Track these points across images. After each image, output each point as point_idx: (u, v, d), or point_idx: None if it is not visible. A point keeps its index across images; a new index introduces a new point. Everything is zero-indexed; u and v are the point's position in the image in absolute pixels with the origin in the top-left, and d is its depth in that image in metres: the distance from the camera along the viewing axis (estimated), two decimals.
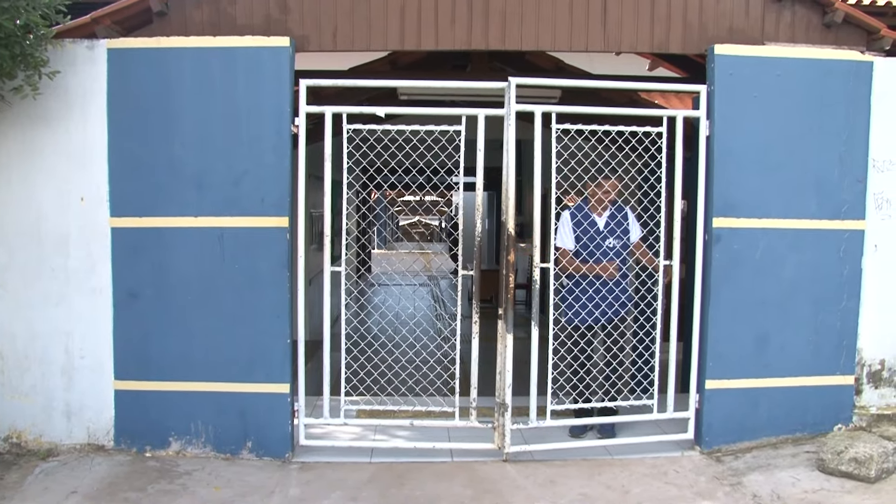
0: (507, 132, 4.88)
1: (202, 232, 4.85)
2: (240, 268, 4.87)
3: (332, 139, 4.89)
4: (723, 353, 5.06)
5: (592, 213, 5.42)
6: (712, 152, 5.00)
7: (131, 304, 4.91)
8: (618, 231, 5.31)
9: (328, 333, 4.98)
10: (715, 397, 5.07)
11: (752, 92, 4.98)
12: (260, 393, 4.91)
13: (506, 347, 4.94)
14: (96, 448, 4.99)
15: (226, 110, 4.83)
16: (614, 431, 5.37)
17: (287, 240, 4.85)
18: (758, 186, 5.02)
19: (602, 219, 5.39)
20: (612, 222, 5.34)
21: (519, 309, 13.63)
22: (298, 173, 4.87)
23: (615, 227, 5.32)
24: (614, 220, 5.34)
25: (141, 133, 4.85)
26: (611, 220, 5.36)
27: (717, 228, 4.99)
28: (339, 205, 5.01)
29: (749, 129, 5.01)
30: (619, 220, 5.31)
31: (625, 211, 5.37)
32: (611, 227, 5.34)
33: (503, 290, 4.95)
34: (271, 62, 4.79)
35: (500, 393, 4.99)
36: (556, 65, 7.00)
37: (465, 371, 5.13)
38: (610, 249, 5.31)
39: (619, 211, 5.34)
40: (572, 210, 5.48)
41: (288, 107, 4.82)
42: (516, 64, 7.04)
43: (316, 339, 5.43)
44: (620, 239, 5.31)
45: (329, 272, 4.97)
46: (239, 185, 4.84)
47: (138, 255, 4.89)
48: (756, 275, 5.05)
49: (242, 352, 4.90)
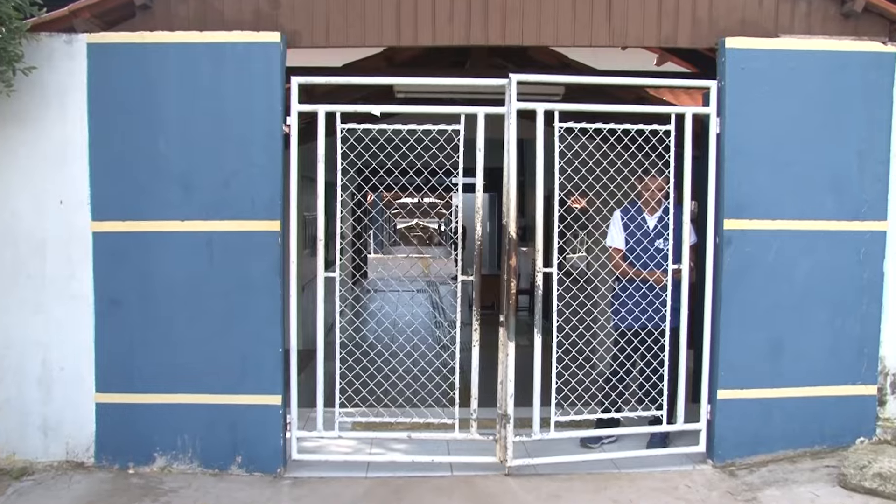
0: (507, 131, 4.87)
1: (189, 236, 4.83)
2: (229, 274, 4.85)
3: (326, 139, 4.87)
4: (735, 361, 5.03)
5: (642, 213, 5.46)
6: (723, 151, 4.97)
7: (114, 312, 4.87)
8: (665, 233, 5.31)
9: (322, 342, 4.96)
10: (727, 408, 5.04)
11: (765, 87, 4.96)
12: (250, 405, 4.87)
13: (507, 356, 4.91)
14: (75, 465, 4.94)
15: (214, 109, 4.81)
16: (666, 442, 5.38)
17: (279, 244, 4.83)
18: (771, 186, 4.99)
19: (652, 220, 5.42)
20: (660, 224, 5.36)
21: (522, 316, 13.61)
22: (290, 175, 4.85)
23: (662, 230, 5.34)
24: (662, 223, 5.35)
25: (123, 132, 4.82)
26: (659, 222, 5.38)
27: (728, 230, 4.97)
28: (333, 207, 4.99)
29: (762, 126, 4.98)
30: (668, 223, 5.26)
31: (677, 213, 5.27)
32: (658, 229, 5.37)
33: (505, 296, 4.93)
34: (261, 58, 4.77)
35: (501, 403, 4.96)
36: (559, 60, 6.98)
37: (466, 381, 5.12)
38: (658, 252, 5.33)
39: (667, 212, 5.28)
40: (621, 211, 5.54)
41: (279, 105, 4.81)
42: (518, 60, 7.03)
43: (309, 349, 5.41)
44: (670, 241, 5.28)
45: (323, 278, 4.96)
46: (228, 188, 4.82)
47: (121, 261, 4.85)
48: (769, 279, 5.02)
49: (232, 362, 4.87)
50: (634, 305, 5.32)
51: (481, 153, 4.91)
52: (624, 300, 5.41)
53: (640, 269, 5.35)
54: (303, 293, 5.20)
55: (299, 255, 5.03)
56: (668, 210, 5.20)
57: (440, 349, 9.19)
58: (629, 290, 5.39)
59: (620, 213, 5.54)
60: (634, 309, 5.33)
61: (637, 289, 5.34)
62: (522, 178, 14.50)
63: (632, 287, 5.38)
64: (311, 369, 5.32)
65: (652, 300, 5.27)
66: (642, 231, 5.39)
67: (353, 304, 5.51)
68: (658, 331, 5.26)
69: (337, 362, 5.00)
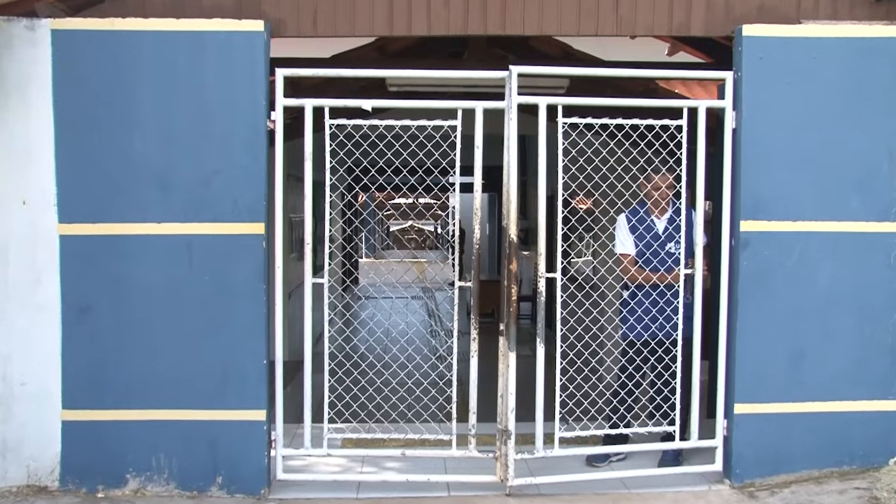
0: (508, 127, 4.84)
1: (167, 240, 4.78)
2: (210, 280, 4.81)
3: (314, 135, 4.83)
4: (753, 372, 4.98)
5: (650, 215, 5.42)
6: (739, 147, 4.94)
7: (83, 321, 4.81)
8: (677, 236, 5.27)
9: (310, 353, 4.92)
10: (745, 423, 5.00)
11: (785, 77, 4.92)
12: (232, 421, 4.83)
13: (508, 367, 4.88)
14: (37, 490, 4.82)
15: (193, 103, 4.77)
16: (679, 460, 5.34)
17: (263, 248, 4.79)
18: (791, 185, 4.95)
19: (661, 222, 5.39)
20: (671, 226, 5.32)
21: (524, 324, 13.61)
22: (276, 174, 4.82)
23: (674, 232, 5.31)
24: (673, 224, 5.31)
25: (94, 127, 4.76)
26: (669, 224, 5.34)
27: (744, 232, 4.93)
28: (322, 209, 4.97)
29: (782, 120, 4.94)
30: (679, 225, 5.22)
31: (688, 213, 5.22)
32: (669, 231, 5.34)
33: (505, 304, 4.90)
34: (243, 49, 4.74)
35: (502, 418, 4.93)
36: (563, 51, 6.97)
37: (463, 394, 5.10)
38: (669, 256, 5.30)
39: (679, 214, 5.23)
40: (628, 213, 5.50)
41: (263, 99, 4.77)
42: (519, 50, 7.02)
43: (296, 360, 5.38)
44: (681, 244, 5.25)
45: (310, 284, 4.92)
46: (208, 187, 4.78)
47: (92, 266, 4.79)
48: (790, 284, 4.98)
49: (213, 374, 4.83)
50: (644, 314, 5.28)
51: (479, 150, 4.87)
52: (633, 308, 5.36)
53: (650, 273, 5.31)
54: (289, 300, 5.18)
55: (285, 260, 5.00)
56: (680, 211, 5.17)
57: (436, 360, 9.15)
58: (638, 297, 5.35)
59: (626, 216, 5.49)
60: (644, 317, 5.29)
61: (647, 296, 5.30)
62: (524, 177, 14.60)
63: (641, 294, 5.33)
64: (297, 382, 5.27)
65: (663, 308, 5.24)
66: (652, 234, 5.35)
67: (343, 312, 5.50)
68: (669, 340, 5.22)
69: (326, 374, 4.96)
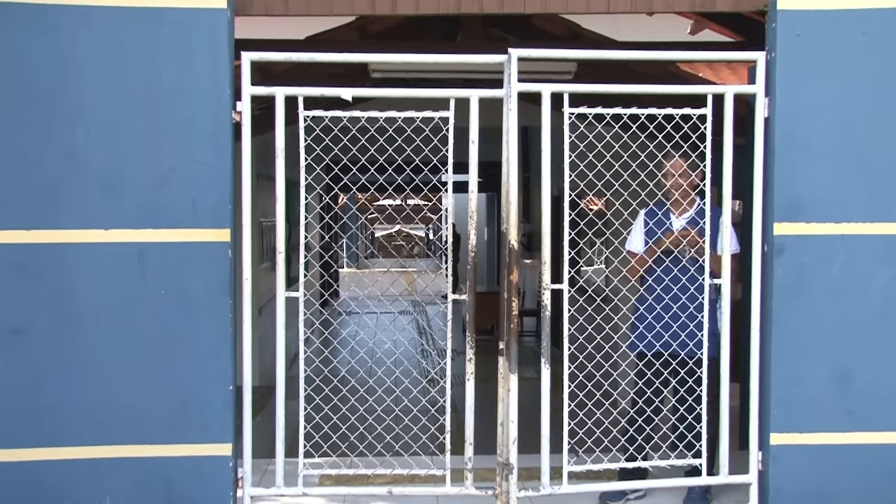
0: (507, 118, 4.81)
1: (115, 248, 4.74)
2: (166, 294, 4.77)
3: (286, 129, 4.81)
4: (792, 397, 4.94)
5: (669, 216, 5.41)
6: (773, 138, 4.90)
7: (15, 343, 4.73)
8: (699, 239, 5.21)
9: (283, 377, 4.89)
10: (784, 456, 4.95)
11: (827, 57, 4.88)
12: (192, 457, 4.79)
13: (509, 391, 4.85)
14: None
15: (145, 90, 4.72)
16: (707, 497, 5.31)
17: (228, 257, 4.77)
18: (835, 182, 4.91)
19: (679, 222, 5.36)
20: (691, 226, 5.26)
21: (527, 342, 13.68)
22: (243, 172, 4.79)
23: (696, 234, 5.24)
24: (694, 226, 5.24)
25: (28, 119, 4.70)
26: (691, 224, 5.29)
27: (779, 236, 4.90)
28: (297, 212, 4.97)
29: (824, 107, 4.90)
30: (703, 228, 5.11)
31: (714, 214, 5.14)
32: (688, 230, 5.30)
33: (505, 319, 4.87)
34: (204, 29, 4.69)
35: (502, 450, 4.90)
36: (570, 30, 6.96)
37: (458, 422, 5.09)
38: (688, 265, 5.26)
39: (703, 215, 5.13)
40: (649, 209, 5.49)
41: (228, 87, 4.73)
42: (520, 31, 7.02)
43: (267, 385, 5.37)
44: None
45: (284, 298, 4.89)
46: (164, 188, 4.74)
47: (26, 280, 4.73)
48: (834, 295, 4.94)
49: (170, 403, 4.79)
50: (663, 328, 5.23)
51: (475, 145, 4.85)
52: (642, 314, 5.31)
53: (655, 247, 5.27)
54: (259, 317, 5.17)
55: (254, 271, 4.96)
56: (704, 212, 5.12)
57: (427, 384, 9.21)
58: (648, 303, 5.29)
59: (645, 215, 5.48)
60: (663, 333, 5.23)
61: (666, 307, 5.24)
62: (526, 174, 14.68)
63: (657, 302, 5.27)
64: (269, 411, 5.28)
65: (678, 315, 5.19)
66: (663, 231, 5.33)
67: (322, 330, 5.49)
68: (693, 359, 5.18)
69: (301, 401, 4.94)
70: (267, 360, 5.76)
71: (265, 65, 5.76)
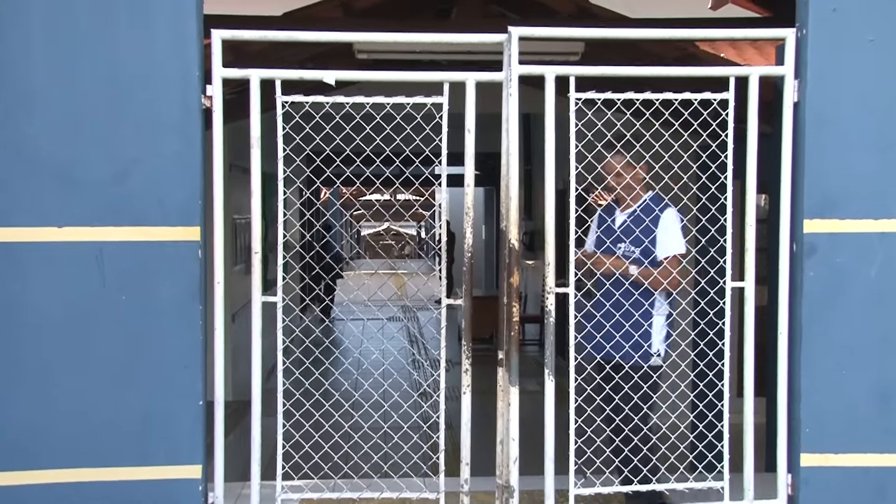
0: (507, 104, 4.79)
1: (71, 248, 4.70)
2: (129, 300, 4.75)
3: (262, 116, 4.80)
4: (824, 414, 4.92)
5: (613, 211, 5.55)
6: (803, 126, 4.87)
7: None
8: (637, 233, 5.32)
9: (259, 391, 4.88)
10: (816, 479, 4.93)
11: (865, 35, 4.85)
12: (158, 480, 4.76)
13: (509, 406, 4.84)
14: None
15: (104, 74, 4.68)
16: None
17: (199, 259, 4.74)
18: (874, 174, 4.89)
19: (622, 216, 5.47)
20: (631, 221, 5.37)
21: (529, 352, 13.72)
22: (214, 164, 4.77)
23: (633, 227, 5.35)
24: (636, 221, 5.35)
25: None
26: (631, 219, 5.39)
27: (810, 234, 4.88)
28: (275, 209, 4.96)
29: (860, 90, 4.88)
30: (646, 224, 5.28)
31: (654, 211, 5.32)
32: (627, 225, 5.39)
33: (505, 326, 4.86)
34: (168, 2, 4.66)
35: (502, 471, 4.90)
36: (576, 6, 6.98)
37: (454, 441, 5.09)
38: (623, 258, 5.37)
39: (647, 211, 5.30)
40: (606, 205, 5.62)
41: (196, 69, 4.69)
42: (521, 7, 7.02)
43: (242, 399, 5.36)
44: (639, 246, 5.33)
45: (260, 304, 4.87)
46: (125, 182, 4.70)
47: None
48: (873, 300, 4.92)
49: (132, 421, 4.76)
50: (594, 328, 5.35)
51: (472, 134, 4.84)
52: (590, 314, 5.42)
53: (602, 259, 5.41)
54: (233, 324, 5.16)
55: (227, 274, 4.95)
56: (650, 208, 5.30)
57: (419, 398, 9.26)
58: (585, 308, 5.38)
59: (602, 210, 5.65)
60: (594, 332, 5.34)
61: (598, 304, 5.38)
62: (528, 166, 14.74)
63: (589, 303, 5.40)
64: (243, 428, 5.25)
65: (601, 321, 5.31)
66: (604, 228, 5.47)
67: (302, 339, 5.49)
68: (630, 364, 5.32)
69: (280, 417, 4.92)
70: (241, 373, 5.75)
71: (238, 44, 5.74)
